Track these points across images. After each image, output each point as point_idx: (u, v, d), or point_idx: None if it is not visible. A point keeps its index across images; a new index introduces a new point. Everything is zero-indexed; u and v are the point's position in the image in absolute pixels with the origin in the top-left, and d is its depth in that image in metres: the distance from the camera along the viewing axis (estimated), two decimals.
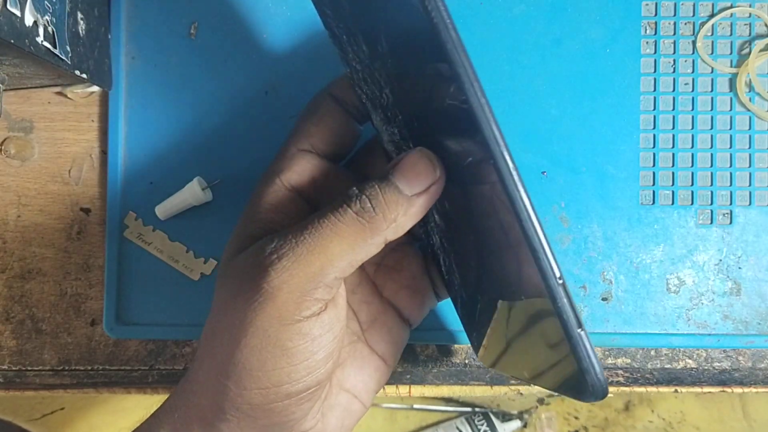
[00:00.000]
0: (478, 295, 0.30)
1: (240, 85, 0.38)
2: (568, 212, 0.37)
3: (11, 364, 0.39)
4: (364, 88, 0.30)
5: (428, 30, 0.22)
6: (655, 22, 0.38)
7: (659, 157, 0.38)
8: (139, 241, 0.38)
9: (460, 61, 0.22)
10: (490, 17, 0.38)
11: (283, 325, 0.26)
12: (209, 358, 0.28)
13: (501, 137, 0.23)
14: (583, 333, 0.23)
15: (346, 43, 0.29)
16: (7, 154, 0.39)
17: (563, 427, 0.96)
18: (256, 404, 0.27)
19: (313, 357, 0.27)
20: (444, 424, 0.96)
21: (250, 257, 0.28)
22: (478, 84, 0.22)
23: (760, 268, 0.38)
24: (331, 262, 0.26)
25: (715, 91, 0.38)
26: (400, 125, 0.28)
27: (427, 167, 0.27)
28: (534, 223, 0.23)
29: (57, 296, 0.39)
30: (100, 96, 0.39)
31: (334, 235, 0.26)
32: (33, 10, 0.30)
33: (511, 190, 0.23)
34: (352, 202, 0.27)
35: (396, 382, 0.40)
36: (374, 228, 0.27)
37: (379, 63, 0.26)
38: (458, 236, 0.29)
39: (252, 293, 0.27)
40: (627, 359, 0.39)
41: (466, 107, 0.23)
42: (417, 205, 0.27)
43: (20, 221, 0.39)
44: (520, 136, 0.37)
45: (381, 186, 0.27)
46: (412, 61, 0.25)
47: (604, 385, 0.23)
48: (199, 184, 0.37)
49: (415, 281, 0.34)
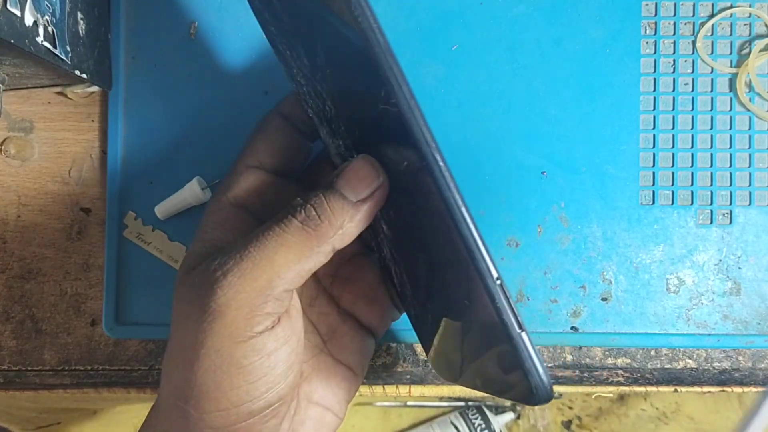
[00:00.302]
0: (428, 307, 0.30)
1: (240, 85, 0.38)
2: (568, 212, 0.37)
3: (11, 364, 0.39)
4: (310, 102, 0.30)
5: (358, 36, 0.22)
6: (655, 22, 0.38)
7: (659, 157, 0.38)
8: (139, 240, 0.38)
9: (388, 64, 0.22)
10: (490, 17, 0.38)
11: (235, 343, 0.26)
12: (168, 384, 0.28)
13: (430, 136, 0.23)
14: (524, 334, 0.23)
15: (290, 59, 0.29)
16: (7, 154, 0.39)
17: (557, 417, 0.96)
18: (219, 427, 0.27)
19: (272, 372, 0.27)
20: (438, 419, 0.96)
21: (197, 276, 0.27)
22: (406, 86, 0.23)
23: (760, 268, 0.38)
24: (278, 274, 0.26)
25: (715, 91, 0.38)
26: (343, 136, 0.29)
27: (370, 172, 0.27)
28: (468, 222, 0.23)
29: (57, 296, 0.39)
30: (100, 96, 0.39)
31: (280, 246, 0.26)
32: (33, 10, 0.30)
33: (443, 189, 0.23)
34: (297, 212, 0.27)
35: (396, 382, 0.40)
36: (320, 236, 0.26)
37: (320, 75, 0.27)
38: (405, 247, 0.29)
39: (200, 313, 0.26)
40: (627, 359, 0.39)
41: (396, 110, 0.23)
42: (362, 211, 0.27)
43: (20, 221, 0.39)
44: (520, 136, 0.37)
45: (326, 194, 0.27)
46: (347, 70, 0.25)
47: (548, 386, 0.23)
48: (199, 184, 0.37)
49: (372, 291, 0.34)
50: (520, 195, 0.37)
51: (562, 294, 0.37)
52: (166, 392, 0.28)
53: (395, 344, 0.39)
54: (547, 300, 0.37)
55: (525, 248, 0.37)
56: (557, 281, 0.37)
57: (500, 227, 0.37)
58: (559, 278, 0.37)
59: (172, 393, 0.28)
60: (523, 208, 0.37)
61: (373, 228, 0.32)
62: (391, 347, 0.39)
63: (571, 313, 0.37)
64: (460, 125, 0.37)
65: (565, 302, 0.37)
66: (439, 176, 0.23)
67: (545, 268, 0.37)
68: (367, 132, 0.27)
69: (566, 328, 0.37)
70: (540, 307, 0.37)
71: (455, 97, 0.37)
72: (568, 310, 0.37)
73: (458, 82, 0.37)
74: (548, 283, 0.37)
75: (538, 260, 0.37)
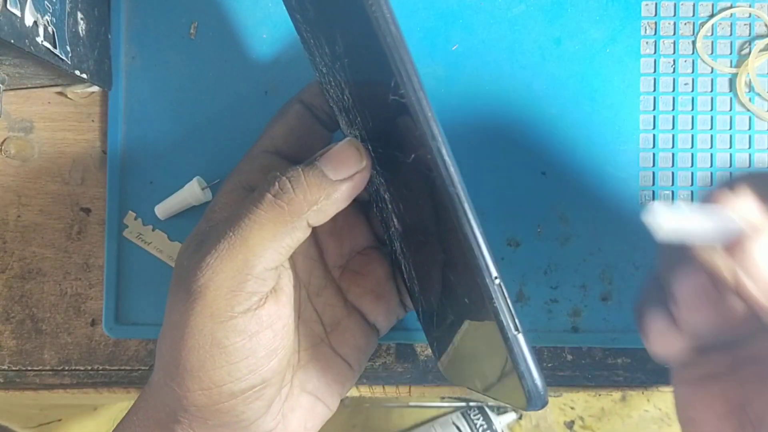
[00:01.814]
0: (434, 304, 0.30)
1: (240, 85, 0.38)
2: (568, 212, 0.37)
3: (11, 364, 0.39)
4: (331, 92, 0.30)
5: (371, 25, 0.22)
6: (655, 22, 0.38)
7: (659, 157, 0.38)
8: (139, 240, 0.38)
9: (398, 55, 0.22)
10: (490, 17, 0.38)
11: (216, 323, 0.26)
12: (159, 361, 0.29)
13: (438, 130, 0.23)
14: (520, 336, 0.23)
15: (313, 47, 0.29)
16: (7, 154, 0.39)
17: (559, 418, 0.96)
18: (202, 405, 0.27)
19: (254, 355, 0.27)
20: (440, 419, 0.96)
21: (184, 259, 0.28)
22: (416, 78, 0.23)
23: None
24: (254, 253, 0.26)
25: (715, 91, 0.38)
26: (359, 127, 0.29)
27: (353, 155, 0.27)
28: (470, 218, 0.23)
29: (57, 296, 0.39)
30: (100, 96, 0.39)
31: (253, 224, 0.26)
32: (33, 10, 0.30)
33: (446, 183, 0.23)
34: (271, 185, 0.27)
35: (396, 383, 0.40)
36: (293, 211, 0.26)
37: (339, 64, 0.27)
38: (413, 242, 0.29)
39: (185, 294, 0.27)
40: (627, 359, 0.39)
41: (404, 101, 0.23)
42: (340, 191, 0.27)
43: (20, 221, 0.39)
44: (520, 136, 0.37)
45: (305, 169, 0.27)
46: (362, 59, 0.25)
47: (541, 392, 0.23)
48: (199, 184, 0.37)
49: (380, 286, 0.34)
50: (520, 195, 0.37)
51: (562, 294, 0.37)
52: (157, 368, 0.29)
53: (395, 344, 0.39)
54: (547, 300, 0.37)
55: (525, 248, 0.37)
56: (557, 281, 0.37)
57: (500, 227, 0.37)
58: (559, 278, 0.37)
59: (161, 370, 0.28)
60: (523, 208, 0.37)
61: (385, 221, 0.31)
62: (391, 347, 0.39)
63: (571, 313, 0.37)
64: (460, 125, 0.37)
65: (565, 302, 0.37)
66: (443, 170, 0.23)
67: (545, 268, 0.37)
68: (379, 123, 0.27)
69: (566, 328, 0.37)
70: (540, 307, 0.37)
71: (455, 97, 0.37)
72: (568, 310, 0.37)
73: (458, 82, 0.37)
74: (548, 283, 0.37)
75: (538, 260, 0.37)
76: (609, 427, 0.95)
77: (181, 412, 0.28)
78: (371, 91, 0.25)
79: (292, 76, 0.38)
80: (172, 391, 0.27)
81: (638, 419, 0.93)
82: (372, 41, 0.23)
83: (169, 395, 0.28)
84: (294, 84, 0.38)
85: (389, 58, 0.22)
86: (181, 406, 0.28)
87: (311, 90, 0.33)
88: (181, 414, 0.28)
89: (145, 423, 0.29)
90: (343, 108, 0.30)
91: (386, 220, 0.31)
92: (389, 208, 0.29)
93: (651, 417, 0.93)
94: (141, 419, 0.30)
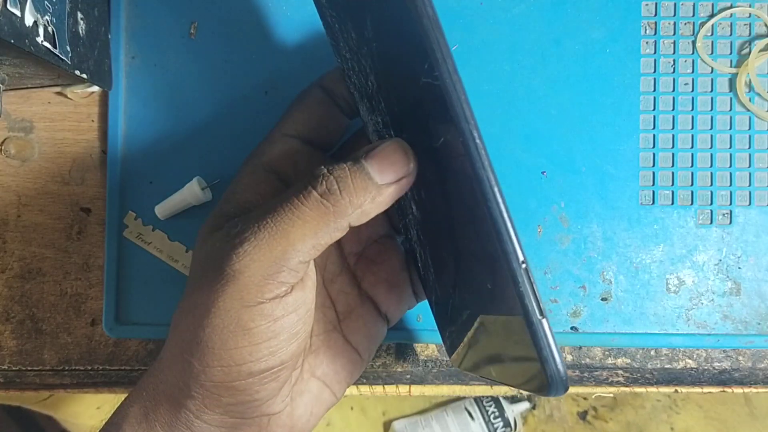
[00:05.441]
0: (450, 293, 0.30)
1: (240, 85, 0.38)
2: (568, 212, 0.37)
3: (11, 364, 0.39)
4: (353, 78, 0.30)
5: (407, 7, 0.22)
6: (655, 22, 0.38)
7: (659, 157, 0.38)
8: (139, 240, 0.38)
9: (434, 36, 0.22)
10: (490, 17, 0.38)
11: (245, 307, 0.26)
12: (176, 337, 0.29)
13: (470, 113, 0.23)
14: (544, 321, 0.23)
15: (337, 32, 0.29)
16: (7, 154, 0.39)
17: (572, 408, 0.96)
18: (219, 381, 0.27)
19: (276, 337, 0.27)
20: (452, 405, 0.96)
21: (217, 241, 0.28)
22: (451, 60, 0.23)
23: (759, 268, 0.38)
24: (294, 247, 0.26)
25: (715, 91, 0.38)
26: (383, 112, 0.29)
27: (402, 158, 0.27)
28: (499, 201, 0.23)
29: (57, 296, 0.39)
30: (100, 96, 0.39)
31: (297, 218, 0.26)
32: (33, 10, 0.30)
33: (477, 167, 0.23)
34: (318, 182, 0.27)
35: (396, 382, 0.40)
36: (338, 212, 0.26)
37: (366, 49, 0.27)
38: (433, 229, 0.29)
39: (216, 275, 0.27)
40: (627, 359, 0.39)
41: (438, 83, 0.23)
42: (385, 195, 0.27)
43: (20, 221, 0.39)
44: (520, 136, 0.37)
45: (351, 169, 0.27)
46: (393, 42, 0.25)
47: (564, 377, 0.23)
48: (199, 184, 0.37)
49: (394, 276, 0.34)
50: (520, 195, 0.37)
51: (562, 294, 0.37)
52: (172, 343, 0.29)
53: (395, 344, 0.39)
54: (547, 300, 0.37)
55: (525, 248, 0.37)
56: (557, 281, 0.37)
57: None
58: (559, 278, 0.37)
59: (178, 344, 0.28)
60: (523, 208, 0.37)
61: (402, 208, 0.31)
62: (391, 347, 0.39)
63: (571, 313, 0.37)
64: None
65: (565, 302, 0.37)
66: (474, 153, 0.23)
67: (545, 268, 0.37)
68: (406, 108, 0.27)
69: (566, 328, 0.37)
70: None
71: None
72: (568, 310, 0.37)
73: None
74: (548, 283, 0.37)
75: (538, 260, 0.37)
76: (622, 417, 0.95)
77: (197, 387, 0.28)
78: (401, 74, 0.25)
79: (292, 76, 0.38)
80: (190, 365, 0.28)
81: (651, 409, 0.94)
82: (406, 23, 0.23)
83: (184, 370, 0.28)
84: (294, 84, 0.38)
85: (425, 40, 0.22)
86: (197, 381, 0.28)
87: (332, 76, 0.33)
88: (196, 389, 0.28)
89: (154, 397, 0.29)
90: (366, 94, 0.29)
91: (403, 208, 0.31)
92: (408, 195, 0.29)
93: (662, 406, 0.94)
94: (150, 394, 0.29)
